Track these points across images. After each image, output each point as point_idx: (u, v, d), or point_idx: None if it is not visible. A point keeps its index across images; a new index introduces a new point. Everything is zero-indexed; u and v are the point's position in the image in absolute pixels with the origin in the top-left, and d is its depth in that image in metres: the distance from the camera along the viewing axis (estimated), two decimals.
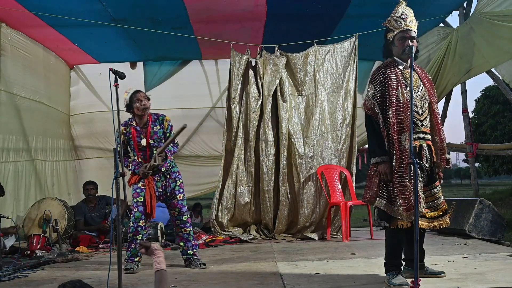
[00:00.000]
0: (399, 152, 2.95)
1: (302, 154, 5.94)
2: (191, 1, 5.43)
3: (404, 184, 2.90)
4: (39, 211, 5.30)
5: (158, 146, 3.92)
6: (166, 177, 4.01)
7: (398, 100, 2.99)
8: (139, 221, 3.90)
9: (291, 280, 3.21)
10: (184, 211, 4.08)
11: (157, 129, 4.00)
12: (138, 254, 3.92)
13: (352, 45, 6.15)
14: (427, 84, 3.14)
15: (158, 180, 3.99)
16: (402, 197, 2.90)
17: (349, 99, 6.13)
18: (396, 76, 3.06)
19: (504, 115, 18.45)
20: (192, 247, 4.09)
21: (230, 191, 5.90)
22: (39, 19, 5.62)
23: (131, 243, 3.94)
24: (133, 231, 3.91)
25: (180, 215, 4.06)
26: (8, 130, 5.84)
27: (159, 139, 3.97)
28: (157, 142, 3.95)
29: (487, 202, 5.00)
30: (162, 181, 4.01)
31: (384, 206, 2.99)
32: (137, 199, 3.93)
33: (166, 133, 4.04)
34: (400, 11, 3.09)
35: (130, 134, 3.98)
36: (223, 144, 6.07)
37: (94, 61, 7.35)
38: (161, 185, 4.00)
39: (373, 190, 3.05)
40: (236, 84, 6.05)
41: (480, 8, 5.50)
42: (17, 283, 3.60)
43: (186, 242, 4.07)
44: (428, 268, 3.16)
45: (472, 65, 5.65)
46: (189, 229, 4.07)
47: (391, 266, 3.06)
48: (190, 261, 4.01)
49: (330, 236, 5.54)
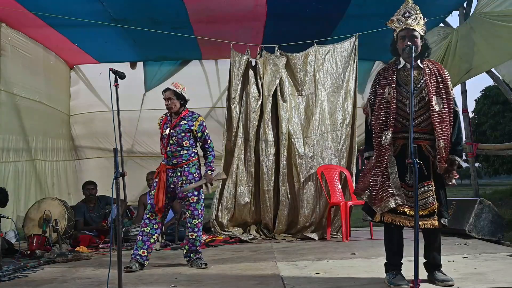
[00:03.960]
0: (377, 149, 3.07)
1: (302, 154, 5.94)
2: (191, 1, 5.43)
3: (375, 179, 3.03)
4: (39, 211, 5.30)
5: (177, 138, 4.03)
6: (180, 173, 4.06)
7: (382, 98, 3.07)
8: (148, 213, 4.04)
9: (291, 280, 3.21)
10: (195, 215, 4.05)
11: (184, 123, 4.08)
12: (143, 248, 3.98)
13: (352, 45, 6.15)
14: (432, 81, 3.02)
15: (171, 176, 4.06)
16: (374, 191, 3.02)
17: (349, 99, 6.12)
18: (387, 76, 3.12)
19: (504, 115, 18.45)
20: (195, 251, 4.10)
21: (230, 191, 5.90)
22: (39, 19, 5.62)
23: (138, 236, 4.06)
24: (142, 223, 4.07)
25: (190, 218, 4.06)
26: (8, 130, 5.84)
27: (180, 131, 4.04)
28: (177, 133, 4.03)
29: (487, 202, 5.00)
30: (174, 178, 4.06)
31: (367, 197, 3.08)
32: (152, 192, 4.10)
33: (197, 132, 4.11)
34: (403, 10, 3.08)
35: (161, 122, 4.20)
36: (223, 144, 6.07)
37: (94, 61, 7.35)
38: (173, 181, 4.06)
39: (364, 184, 3.11)
40: (236, 84, 6.05)
41: (480, 8, 5.50)
42: (17, 283, 3.60)
43: (190, 247, 4.08)
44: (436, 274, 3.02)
45: (472, 65, 5.64)
46: (196, 234, 4.04)
47: (391, 265, 3.06)
48: (192, 261, 4.04)
49: (330, 236, 5.54)
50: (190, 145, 4.09)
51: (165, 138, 4.07)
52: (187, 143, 4.06)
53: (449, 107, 3.01)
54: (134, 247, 4.03)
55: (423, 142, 3.00)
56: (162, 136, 4.12)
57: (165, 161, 4.10)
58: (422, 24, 3.08)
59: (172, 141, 4.04)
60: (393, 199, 2.95)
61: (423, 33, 3.08)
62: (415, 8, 3.08)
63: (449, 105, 3.01)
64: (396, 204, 2.95)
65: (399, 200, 2.95)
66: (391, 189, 2.97)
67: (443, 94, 3.01)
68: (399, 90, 3.06)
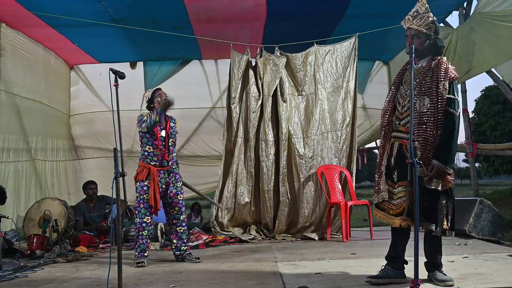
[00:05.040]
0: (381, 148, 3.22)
1: (302, 154, 5.94)
2: (191, 1, 5.43)
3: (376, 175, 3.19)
4: (39, 211, 5.30)
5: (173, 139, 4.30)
6: (170, 174, 4.25)
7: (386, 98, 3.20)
8: (144, 217, 4.15)
9: (291, 280, 3.21)
10: (183, 211, 4.34)
11: (172, 125, 4.35)
12: (146, 249, 4.13)
13: (352, 45, 6.15)
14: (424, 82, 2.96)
15: (162, 177, 4.22)
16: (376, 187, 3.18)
17: (349, 99, 6.13)
18: (397, 75, 3.20)
19: (504, 115, 18.42)
20: (185, 244, 4.32)
21: (230, 191, 5.90)
22: (39, 19, 5.63)
23: (137, 240, 4.15)
24: (138, 227, 4.15)
25: (178, 214, 4.30)
26: (8, 130, 5.84)
27: (174, 133, 4.33)
28: (173, 136, 4.30)
29: (487, 202, 5.00)
30: (165, 178, 4.24)
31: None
32: (143, 196, 4.15)
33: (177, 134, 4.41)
34: (414, 8, 3.07)
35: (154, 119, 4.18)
36: (223, 144, 6.08)
37: (94, 61, 7.35)
38: (164, 181, 4.23)
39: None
40: (236, 84, 6.06)
41: (480, 8, 5.49)
42: (17, 283, 3.60)
43: (178, 240, 4.29)
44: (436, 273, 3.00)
45: (472, 65, 5.64)
46: (184, 228, 4.31)
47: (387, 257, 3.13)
48: (184, 256, 4.23)
49: (330, 236, 5.54)
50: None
51: (162, 140, 4.19)
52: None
53: (436, 108, 2.89)
54: (137, 249, 4.13)
55: (405, 142, 2.99)
56: (157, 138, 4.19)
57: (156, 162, 4.19)
58: (429, 22, 2.99)
59: (170, 143, 4.26)
60: (379, 195, 3.09)
61: (430, 32, 2.99)
62: (424, 6, 3.03)
63: (437, 106, 2.89)
64: (381, 199, 3.07)
65: (385, 197, 3.05)
66: (381, 186, 3.10)
67: (433, 95, 2.91)
68: (400, 90, 3.10)
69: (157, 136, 4.18)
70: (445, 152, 2.88)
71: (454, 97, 2.93)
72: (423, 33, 3.00)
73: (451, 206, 2.97)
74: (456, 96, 2.94)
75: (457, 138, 2.97)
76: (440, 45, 3.07)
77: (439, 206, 2.93)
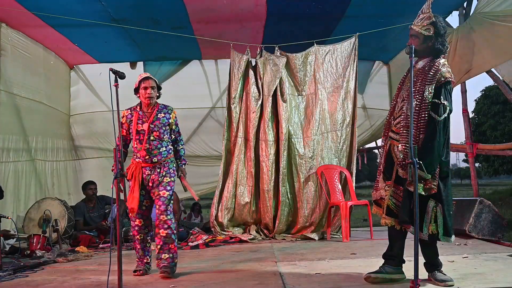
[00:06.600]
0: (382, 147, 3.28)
1: (302, 154, 5.94)
2: (191, 1, 5.43)
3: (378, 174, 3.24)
4: (39, 211, 5.30)
5: (158, 132, 3.76)
6: (158, 170, 3.75)
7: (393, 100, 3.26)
8: (135, 220, 3.76)
9: (291, 280, 3.21)
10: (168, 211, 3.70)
11: (161, 116, 3.83)
12: (146, 254, 3.82)
13: (352, 45, 6.15)
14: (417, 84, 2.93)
15: (148, 174, 3.74)
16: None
17: (349, 99, 6.12)
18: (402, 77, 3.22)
19: (504, 115, 18.43)
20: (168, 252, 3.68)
21: (230, 191, 5.90)
22: (39, 19, 5.63)
23: (135, 245, 3.83)
24: (133, 231, 3.82)
25: (160, 214, 3.68)
26: (8, 130, 5.84)
27: (160, 125, 3.79)
28: (158, 128, 3.77)
29: (487, 202, 5.00)
30: (152, 175, 3.74)
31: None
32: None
33: (172, 125, 3.90)
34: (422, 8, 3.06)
35: (132, 117, 3.83)
36: (223, 144, 6.08)
37: (94, 61, 7.35)
38: (150, 178, 3.74)
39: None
40: (236, 84, 6.06)
41: (480, 8, 5.49)
42: (17, 283, 3.60)
43: (163, 244, 3.69)
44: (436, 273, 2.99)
45: (472, 65, 5.64)
46: (167, 232, 3.67)
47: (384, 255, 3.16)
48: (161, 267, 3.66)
49: (330, 236, 5.54)
50: (168, 139, 3.85)
51: (143, 134, 3.74)
52: (166, 137, 3.82)
53: (419, 112, 2.86)
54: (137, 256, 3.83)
55: (394, 143, 3.05)
56: (138, 132, 3.75)
57: (140, 159, 3.75)
58: (428, 24, 2.95)
59: (153, 137, 3.74)
60: (377, 193, 3.18)
61: (429, 33, 2.95)
62: (428, 7, 3.00)
63: (420, 110, 2.86)
64: (378, 197, 3.15)
65: (383, 194, 3.11)
66: (379, 184, 3.18)
67: (419, 98, 2.88)
68: (401, 90, 3.12)
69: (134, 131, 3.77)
70: (424, 157, 2.78)
71: (439, 102, 2.86)
72: (421, 34, 2.98)
73: (442, 212, 2.88)
74: (443, 101, 2.86)
75: (442, 143, 2.87)
76: (439, 47, 2.98)
77: (427, 209, 2.89)
